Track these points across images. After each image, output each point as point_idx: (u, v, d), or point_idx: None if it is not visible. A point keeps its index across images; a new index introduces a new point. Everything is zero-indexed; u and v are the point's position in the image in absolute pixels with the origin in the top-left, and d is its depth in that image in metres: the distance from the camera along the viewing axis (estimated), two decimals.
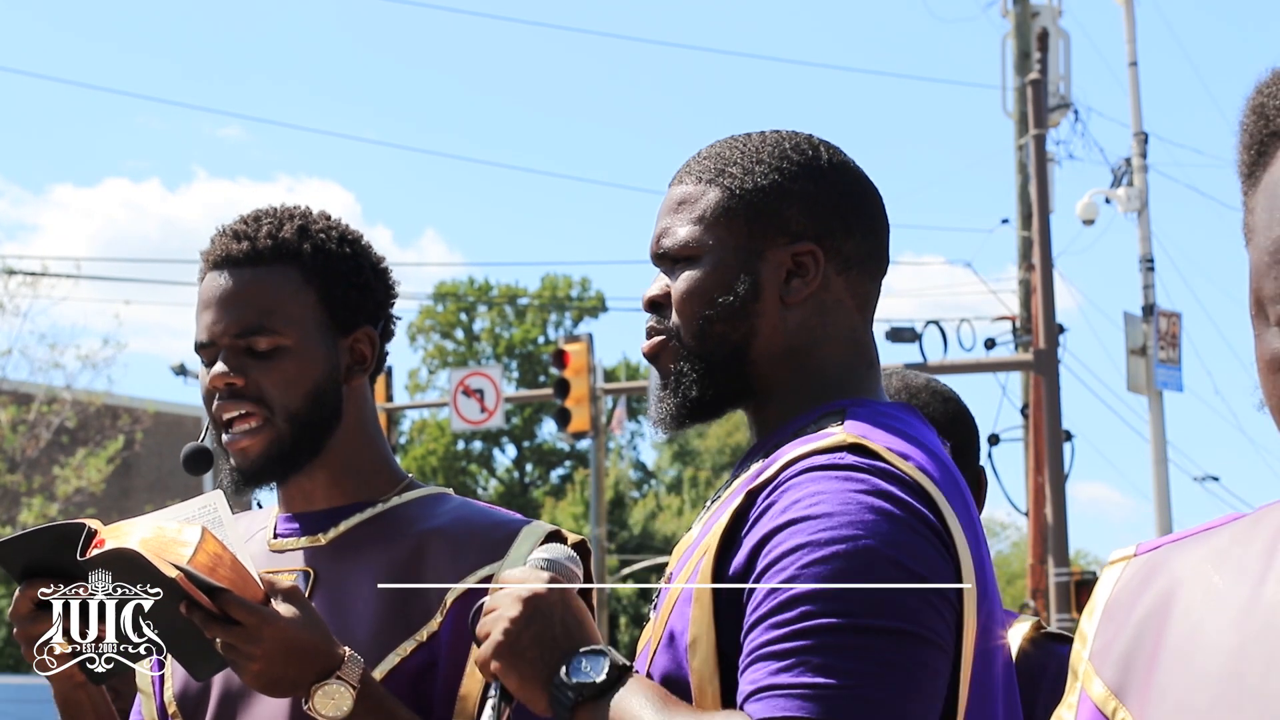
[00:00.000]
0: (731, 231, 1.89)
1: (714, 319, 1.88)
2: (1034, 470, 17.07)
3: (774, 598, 1.67)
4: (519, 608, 1.81)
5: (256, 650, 1.97)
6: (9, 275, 21.21)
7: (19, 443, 20.87)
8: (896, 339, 16.75)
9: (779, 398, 1.89)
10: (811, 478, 1.72)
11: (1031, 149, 17.19)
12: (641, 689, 1.74)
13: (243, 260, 2.25)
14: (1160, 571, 1.36)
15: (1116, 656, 1.34)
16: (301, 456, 2.23)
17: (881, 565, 1.65)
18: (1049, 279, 16.52)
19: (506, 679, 1.82)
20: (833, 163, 1.94)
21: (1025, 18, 19.35)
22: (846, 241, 1.91)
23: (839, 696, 1.60)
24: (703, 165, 1.94)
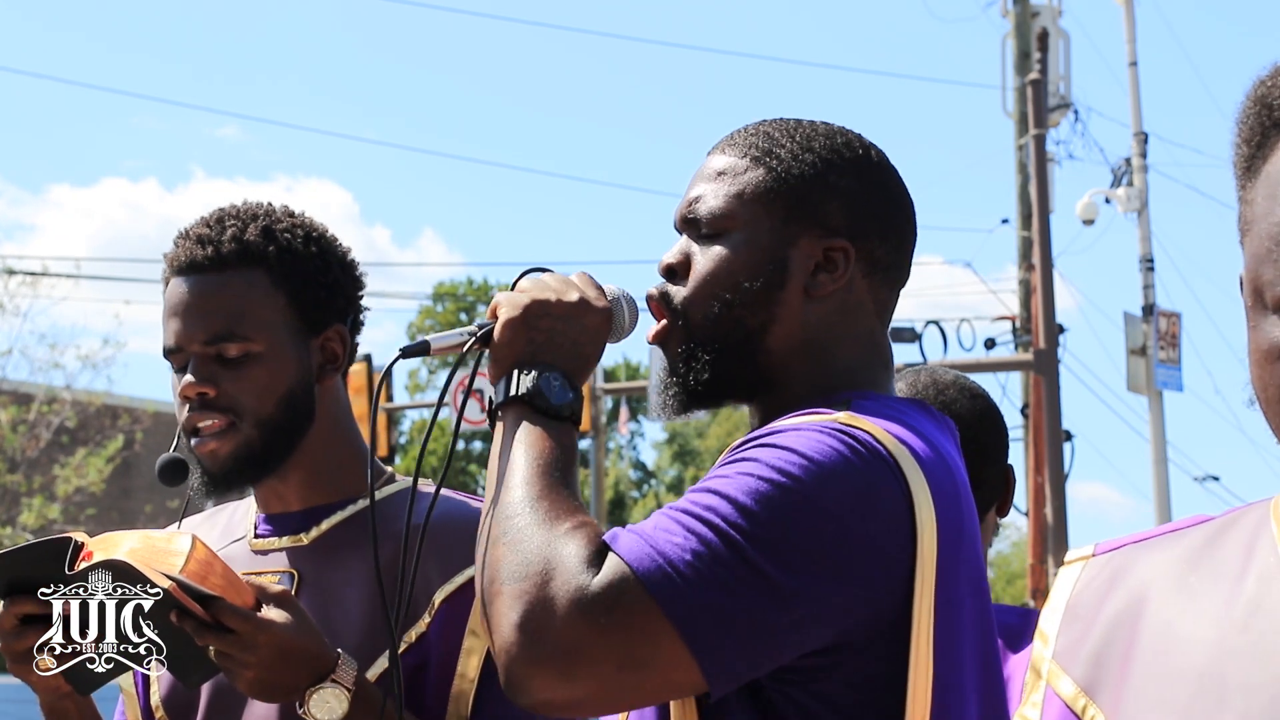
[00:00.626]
0: (769, 214, 1.87)
1: (734, 302, 1.85)
2: (1034, 470, 17.06)
3: (708, 482, 1.67)
4: (571, 298, 1.85)
5: (251, 658, 1.96)
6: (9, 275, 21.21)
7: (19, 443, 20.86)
8: (896, 339, 16.68)
9: (789, 390, 1.87)
10: (796, 427, 1.71)
11: (1031, 149, 17.18)
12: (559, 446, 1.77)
13: (208, 266, 2.21)
14: (1128, 571, 1.35)
15: (1086, 655, 1.34)
16: (272, 460, 2.22)
17: (807, 518, 1.63)
18: (1049, 279, 16.51)
19: (501, 331, 1.84)
20: (880, 166, 1.93)
21: (1025, 18, 19.34)
22: (878, 246, 1.89)
23: (675, 583, 1.59)
24: (749, 141, 1.91)
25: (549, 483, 1.73)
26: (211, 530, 2.37)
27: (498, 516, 1.71)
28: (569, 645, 1.59)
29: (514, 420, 1.79)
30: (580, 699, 1.61)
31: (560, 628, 1.59)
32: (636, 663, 1.60)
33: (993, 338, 17.73)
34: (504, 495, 1.73)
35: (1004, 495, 2.58)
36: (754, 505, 1.63)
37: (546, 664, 1.59)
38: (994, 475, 2.54)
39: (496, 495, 1.74)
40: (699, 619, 1.59)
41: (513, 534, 1.67)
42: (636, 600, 1.59)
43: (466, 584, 2.13)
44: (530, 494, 1.71)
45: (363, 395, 17.73)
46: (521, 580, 1.63)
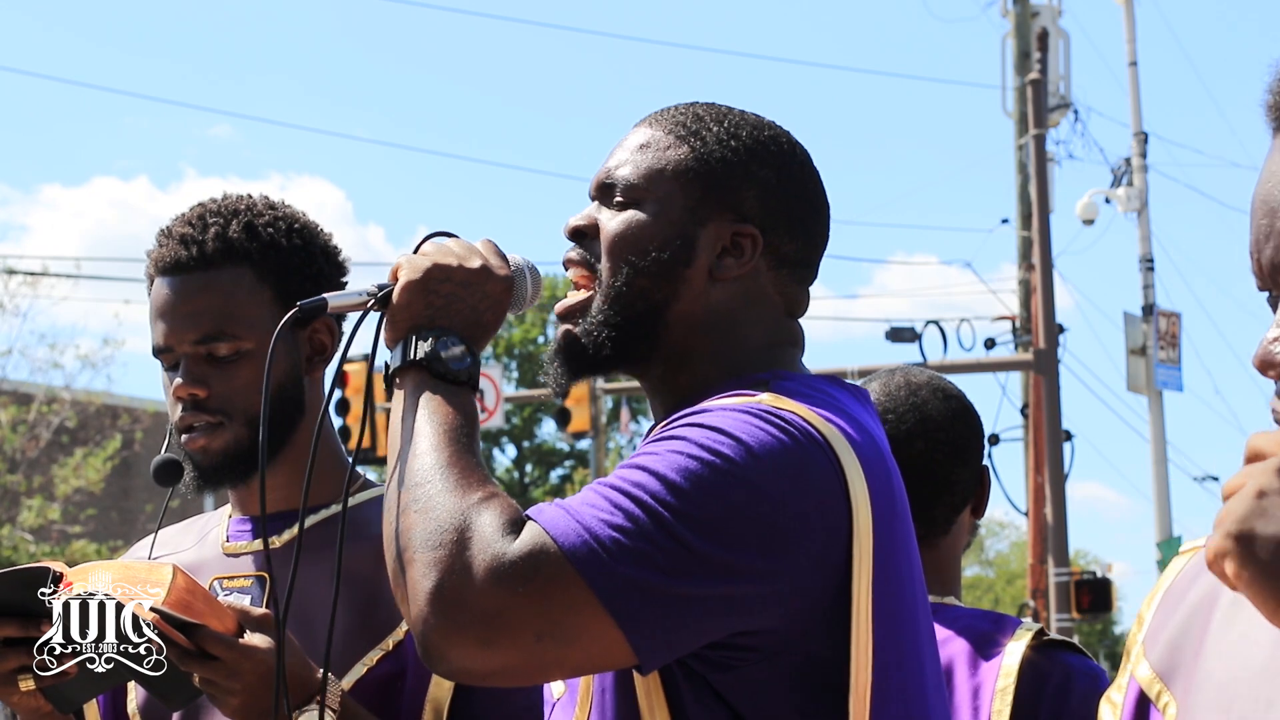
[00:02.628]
0: (685, 191, 1.87)
1: (641, 268, 1.85)
2: (1034, 470, 17.06)
3: (636, 458, 1.67)
4: (473, 264, 1.84)
5: (236, 684, 1.96)
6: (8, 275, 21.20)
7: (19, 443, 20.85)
8: (896, 339, 16.76)
9: (693, 365, 1.86)
10: (724, 409, 1.71)
11: (1031, 149, 17.18)
12: (460, 411, 1.76)
13: (193, 265, 2.21)
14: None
15: (1165, 641, 1.35)
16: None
17: (735, 496, 1.63)
18: (1049, 279, 16.51)
19: (400, 293, 1.82)
20: (802, 165, 1.93)
21: (1025, 18, 19.34)
22: (787, 241, 1.89)
23: (600, 557, 1.59)
24: (677, 118, 1.91)
25: (456, 449, 1.71)
26: (185, 537, 2.36)
27: (406, 484, 1.69)
28: (487, 613, 1.58)
29: (413, 386, 1.78)
30: (500, 668, 1.60)
31: (477, 595, 1.58)
32: (557, 633, 1.59)
33: (993, 338, 17.73)
34: (411, 463, 1.71)
35: (979, 496, 2.57)
36: (682, 481, 1.63)
37: (465, 631, 1.58)
38: (967, 476, 2.54)
39: (402, 463, 1.72)
40: (623, 591, 1.59)
41: (423, 501, 1.66)
42: (557, 570, 1.58)
43: None
44: (438, 460, 1.70)
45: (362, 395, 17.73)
46: (436, 548, 1.61)
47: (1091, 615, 17.12)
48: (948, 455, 2.51)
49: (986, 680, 2.36)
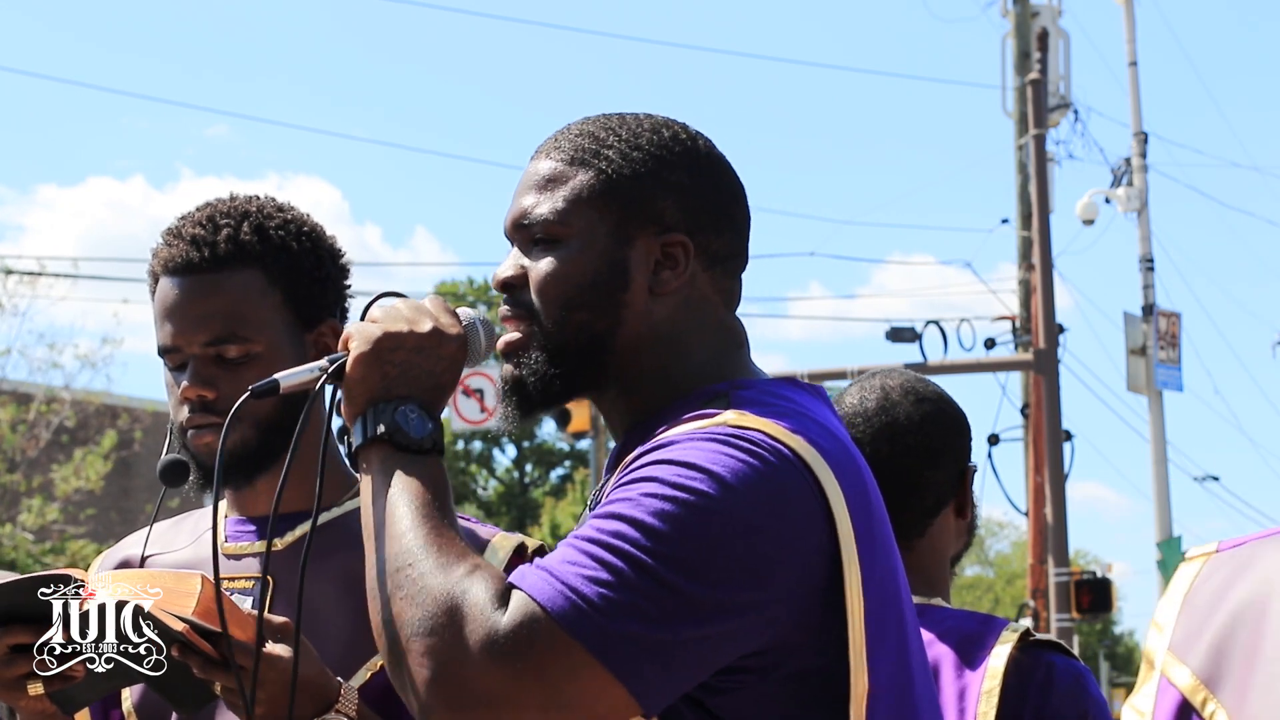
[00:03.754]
0: (603, 216, 1.83)
1: (577, 305, 1.82)
2: (1034, 470, 17.06)
3: (609, 506, 1.65)
4: (423, 328, 1.80)
5: (259, 693, 1.95)
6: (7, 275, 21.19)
7: (18, 443, 20.84)
8: (896, 339, 16.74)
9: (647, 386, 1.84)
10: (694, 438, 1.69)
11: (1031, 149, 17.17)
12: (430, 482, 1.72)
13: (204, 267, 2.20)
14: (1252, 566, 1.33)
15: (1206, 647, 1.32)
16: (268, 458, 2.20)
17: (713, 530, 1.62)
18: (1049, 279, 16.51)
19: (354, 365, 1.79)
20: (710, 156, 1.90)
21: (1025, 18, 19.33)
22: (715, 238, 1.87)
23: (588, 615, 1.58)
24: (575, 143, 1.87)
25: (432, 524, 1.68)
26: (178, 535, 2.35)
27: (389, 569, 1.67)
28: (489, 694, 1.56)
29: (379, 462, 1.75)
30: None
31: (477, 677, 1.56)
32: (561, 700, 1.58)
33: (993, 338, 17.71)
34: (390, 546, 1.68)
35: (960, 498, 2.57)
36: (659, 524, 1.61)
37: (470, 714, 1.57)
38: (940, 478, 2.53)
39: (381, 547, 1.69)
40: (620, 647, 1.58)
41: (408, 586, 1.64)
42: (551, 638, 1.57)
43: None
44: (416, 539, 1.67)
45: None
46: (428, 634, 1.60)
47: (1091, 615, 17.11)
48: (916, 458, 2.51)
49: (973, 683, 2.36)
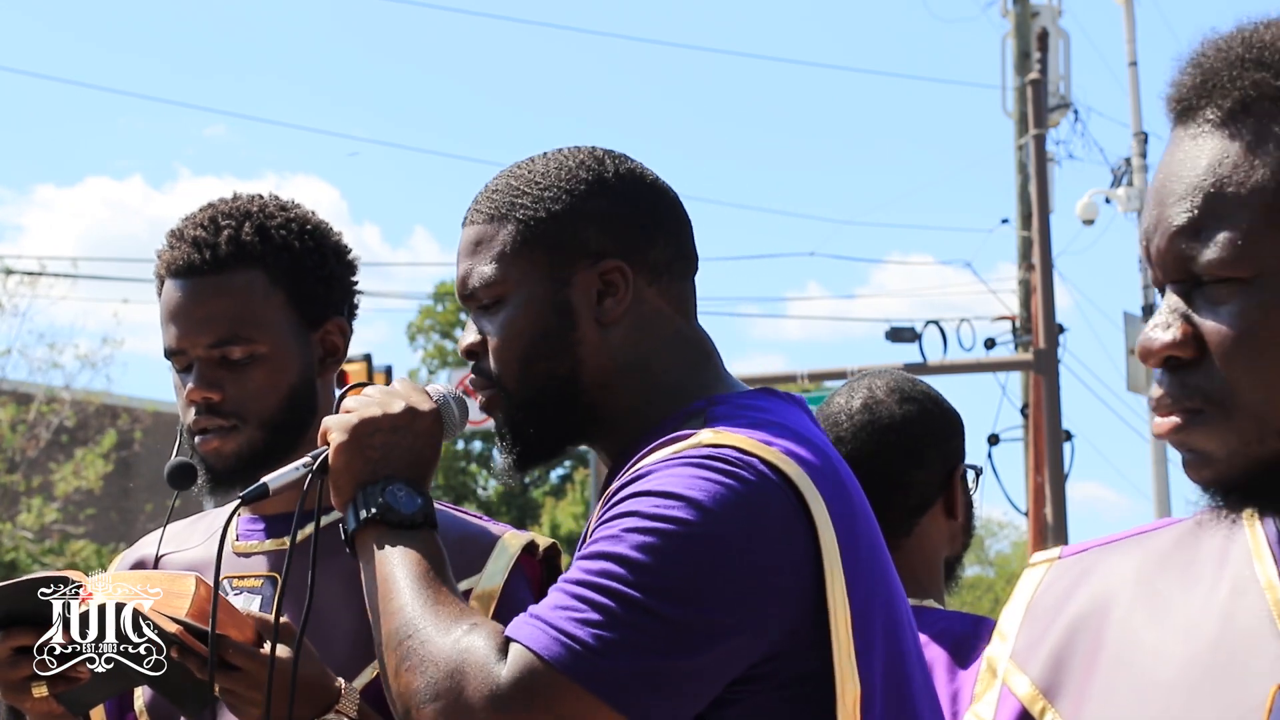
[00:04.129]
0: (534, 264, 1.86)
1: (534, 357, 1.85)
2: (1034, 470, 17.06)
3: (593, 546, 1.68)
4: (396, 409, 1.84)
5: (258, 694, 1.96)
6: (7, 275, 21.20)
7: (18, 443, 20.84)
8: (896, 339, 16.73)
9: (623, 418, 1.87)
10: (669, 465, 1.71)
11: (1031, 149, 17.17)
12: (424, 553, 1.77)
13: (206, 269, 2.20)
14: (1092, 574, 1.33)
15: (1045, 656, 1.32)
16: (275, 457, 2.20)
17: (699, 556, 1.64)
18: (1049, 279, 16.51)
19: (335, 456, 1.84)
20: (620, 173, 1.91)
21: (1025, 18, 19.33)
22: (650, 250, 1.89)
23: (586, 658, 1.60)
24: (492, 201, 1.90)
25: (431, 594, 1.72)
26: (194, 533, 2.36)
27: (390, 644, 1.71)
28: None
29: (373, 541, 1.79)
30: None
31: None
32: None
33: (993, 338, 17.70)
34: (390, 621, 1.72)
35: (949, 498, 2.57)
36: (643, 557, 1.64)
37: None
38: (924, 478, 2.54)
39: (384, 624, 1.73)
40: (619, 683, 1.60)
41: (413, 657, 1.67)
42: (551, 685, 1.59)
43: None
44: (416, 611, 1.70)
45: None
46: (435, 699, 1.63)
47: None
48: (898, 457, 2.51)
49: (965, 685, 2.37)
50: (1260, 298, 1.17)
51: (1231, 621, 1.22)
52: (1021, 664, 1.33)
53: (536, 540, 2.19)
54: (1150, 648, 1.26)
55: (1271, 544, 1.24)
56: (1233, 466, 1.18)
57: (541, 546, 2.19)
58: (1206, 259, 1.18)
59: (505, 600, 2.13)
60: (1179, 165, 1.21)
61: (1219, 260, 1.17)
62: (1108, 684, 1.26)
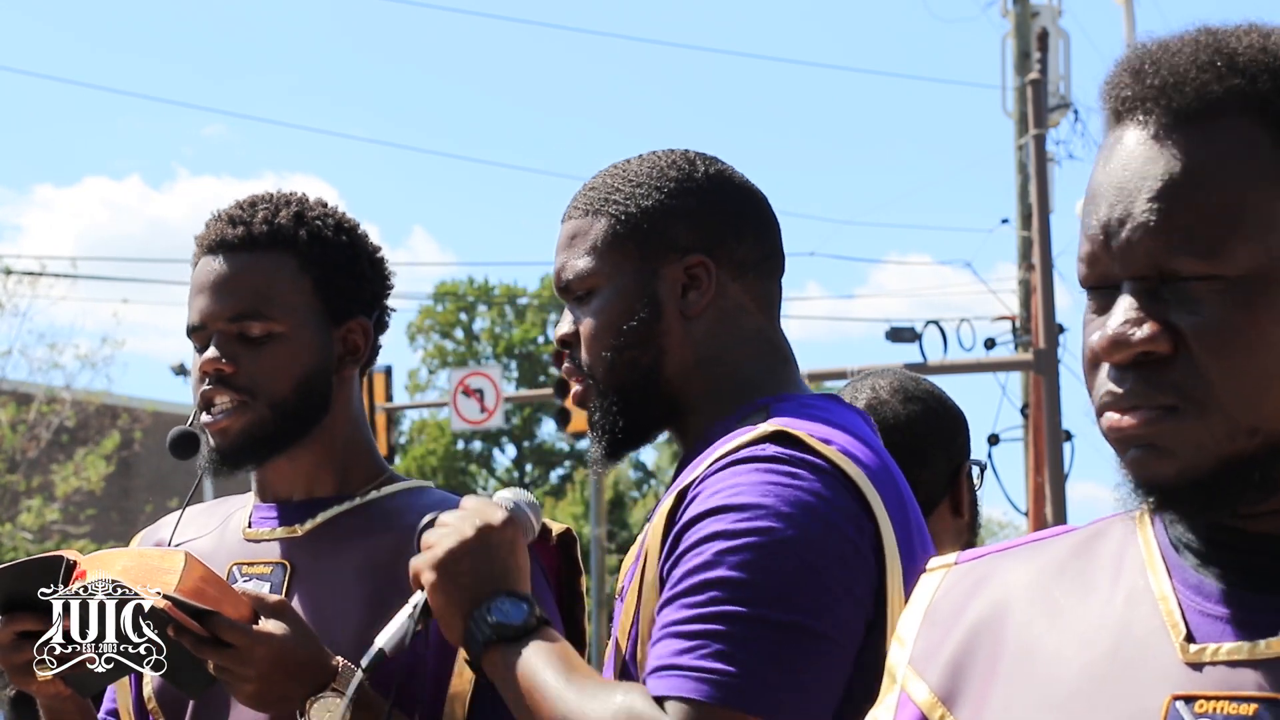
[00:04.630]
0: (625, 257, 1.95)
1: (622, 347, 1.94)
2: (1034, 470, 17.06)
3: (688, 580, 1.74)
4: (471, 533, 1.87)
5: (250, 671, 1.98)
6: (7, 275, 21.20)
7: (19, 443, 20.85)
8: (896, 339, 16.73)
9: (699, 408, 1.96)
10: (734, 470, 1.78)
11: (1031, 149, 17.17)
12: (551, 646, 1.81)
13: (238, 245, 2.23)
14: (989, 581, 1.34)
15: (944, 662, 1.32)
16: (282, 441, 2.22)
17: (792, 559, 1.72)
18: (1049, 279, 16.51)
19: (433, 596, 1.87)
20: (709, 174, 2.00)
21: (1025, 18, 19.33)
22: (737, 248, 1.97)
23: (732, 683, 1.68)
24: (588, 197, 2.00)
25: (573, 678, 1.77)
26: (210, 520, 2.36)
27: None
28: None
29: (500, 659, 1.83)
30: None
31: None
32: None
33: (993, 338, 17.70)
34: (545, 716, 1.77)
35: (954, 497, 2.58)
36: (743, 575, 1.71)
37: None
38: (929, 477, 2.55)
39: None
40: (777, 695, 1.69)
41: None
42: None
43: None
44: (569, 699, 1.75)
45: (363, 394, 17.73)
46: None
47: None
48: (904, 458, 2.50)
49: None
50: (1242, 296, 1.18)
51: (1127, 631, 1.23)
52: (920, 670, 1.34)
53: (549, 526, 2.19)
54: (1049, 655, 1.26)
55: (1165, 555, 1.26)
56: (1199, 464, 1.18)
57: (555, 532, 2.19)
58: (1188, 257, 1.19)
59: None
60: (1146, 164, 1.22)
61: (1202, 259, 1.19)
62: (1007, 691, 1.27)
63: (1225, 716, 1.17)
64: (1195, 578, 1.23)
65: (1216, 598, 1.22)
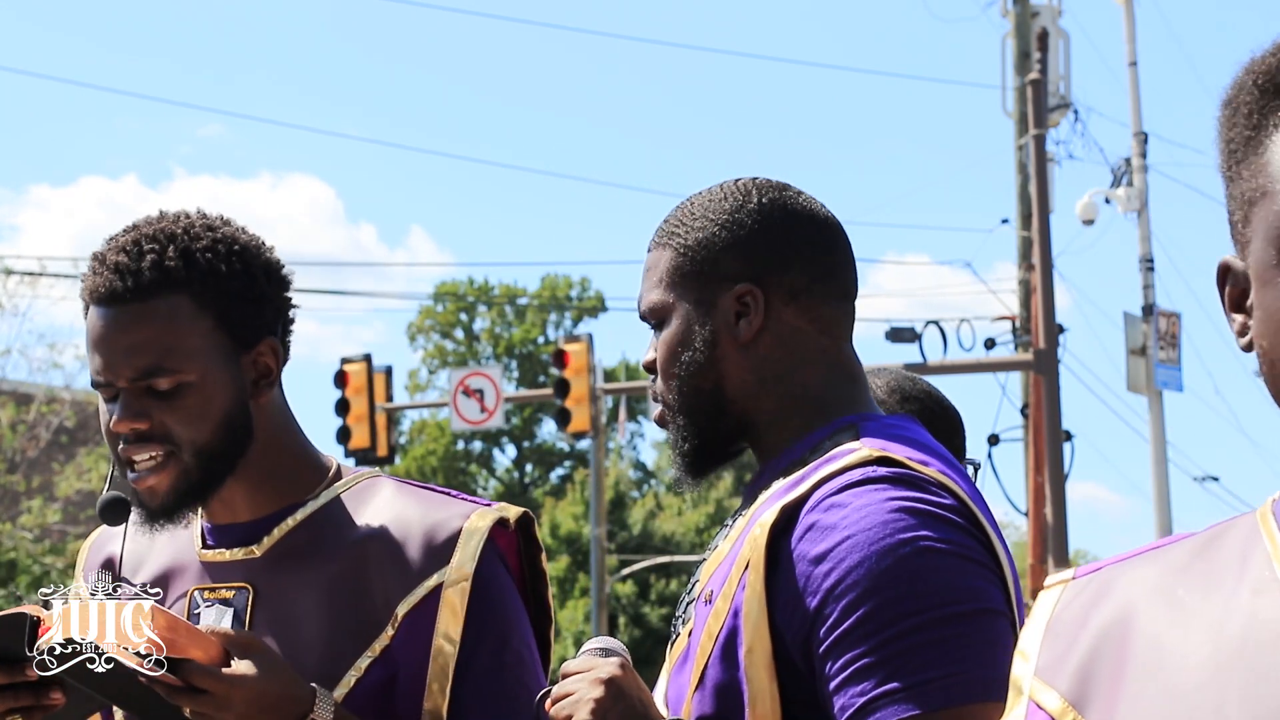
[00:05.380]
0: (686, 288, 2.04)
1: (686, 375, 2.03)
2: (1034, 470, 17.06)
3: (851, 615, 1.80)
4: (601, 689, 1.92)
5: (228, 715, 1.97)
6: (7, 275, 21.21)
7: (19, 443, 20.86)
8: (896, 339, 16.73)
9: (769, 425, 2.03)
10: (852, 494, 1.86)
11: (1031, 149, 17.18)
12: None
13: (129, 297, 2.13)
14: (1111, 590, 1.35)
15: (1072, 671, 1.33)
16: (212, 485, 2.16)
17: (937, 559, 1.80)
18: (1049, 279, 16.51)
19: None
20: (761, 203, 2.05)
21: (1025, 18, 19.33)
22: (785, 274, 2.03)
23: (943, 686, 1.76)
24: (661, 230, 2.10)
25: None
26: (153, 541, 2.30)
27: None
28: None
29: None
30: None
31: None
32: None
33: (993, 338, 17.70)
34: None
35: None
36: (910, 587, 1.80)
37: None
38: None
39: None
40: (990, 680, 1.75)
41: None
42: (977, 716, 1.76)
43: (429, 595, 2.12)
44: None
45: (363, 395, 17.76)
46: None
47: None
48: None
49: None
50: None
51: (1255, 620, 1.23)
52: (1048, 680, 1.34)
53: (507, 515, 2.17)
54: (1177, 653, 1.27)
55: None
56: None
57: (513, 518, 2.18)
58: None
59: (479, 583, 2.13)
60: None
61: None
62: (1136, 692, 1.27)
63: None
64: None
65: None
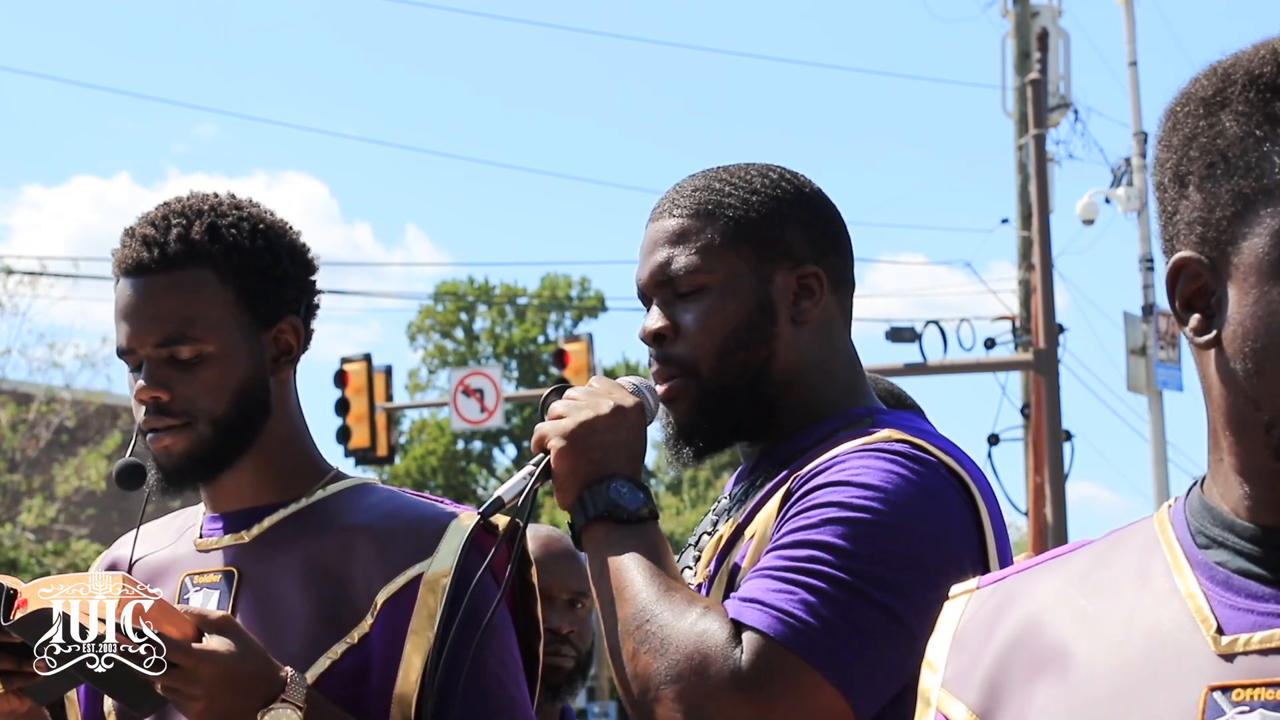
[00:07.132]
0: (741, 259, 2.00)
1: (733, 347, 1.98)
2: (1034, 470, 17.06)
3: (797, 534, 1.79)
4: (607, 409, 1.94)
5: (197, 690, 1.98)
6: (7, 275, 21.21)
7: (19, 443, 20.86)
8: (896, 339, 16.73)
9: (790, 409, 2.00)
10: (862, 454, 1.85)
11: (1031, 149, 17.18)
12: (654, 541, 1.88)
13: (155, 268, 2.20)
14: (1016, 600, 1.35)
15: (979, 682, 1.33)
16: (227, 456, 2.21)
17: (901, 546, 1.79)
18: (1049, 279, 16.51)
19: (557, 462, 1.94)
20: (814, 191, 2.07)
21: (1025, 18, 19.33)
22: (837, 263, 2.05)
23: (808, 635, 1.73)
24: (695, 198, 2.03)
25: (661, 581, 1.83)
26: (166, 533, 2.37)
27: (627, 629, 1.81)
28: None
29: (603, 537, 1.90)
30: None
31: (729, 712, 1.72)
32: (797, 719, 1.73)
33: (993, 338, 17.69)
34: (625, 608, 1.82)
35: None
36: (851, 545, 1.77)
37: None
38: None
39: (618, 610, 1.84)
40: (844, 660, 1.73)
41: (650, 640, 1.78)
42: (787, 664, 1.72)
43: (408, 584, 2.13)
44: (650, 597, 1.81)
45: (362, 394, 17.77)
46: (675, 680, 1.74)
47: None
48: None
49: None
50: None
51: (1158, 630, 1.25)
52: (955, 692, 1.35)
53: (495, 522, 2.19)
54: (1083, 663, 1.28)
55: (1188, 554, 1.27)
56: None
57: (501, 527, 2.19)
58: None
59: (462, 577, 2.13)
60: None
61: None
62: (1044, 701, 1.28)
63: (1263, 702, 1.19)
64: (1222, 574, 1.24)
65: (1244, 591, 1.23)
